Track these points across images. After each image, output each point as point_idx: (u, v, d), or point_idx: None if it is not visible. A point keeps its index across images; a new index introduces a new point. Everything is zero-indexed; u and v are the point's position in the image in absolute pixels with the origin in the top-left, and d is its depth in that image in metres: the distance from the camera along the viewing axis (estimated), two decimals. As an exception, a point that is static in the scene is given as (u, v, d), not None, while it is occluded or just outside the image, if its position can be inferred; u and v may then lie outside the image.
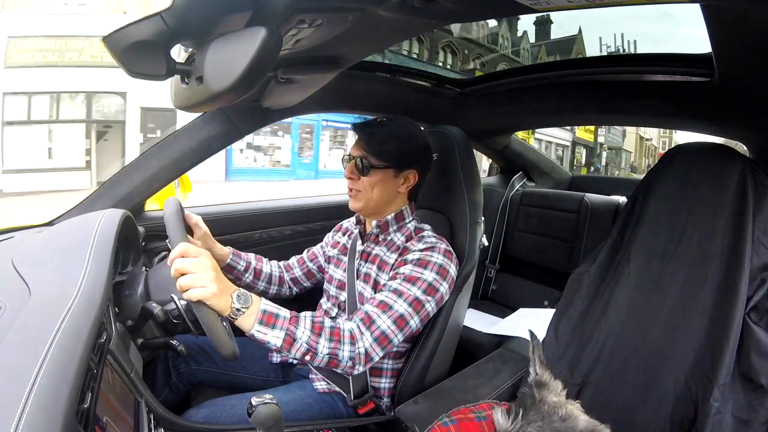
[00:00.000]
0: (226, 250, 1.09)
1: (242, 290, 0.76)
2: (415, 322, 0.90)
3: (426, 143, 1.05)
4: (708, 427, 0.68)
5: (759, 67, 0.73)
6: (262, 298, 0.79)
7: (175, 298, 0.86)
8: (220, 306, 0.72)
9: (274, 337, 0.76)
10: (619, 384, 0.79)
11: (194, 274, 0.71)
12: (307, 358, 0.79)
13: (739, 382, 0.70)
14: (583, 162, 18.92)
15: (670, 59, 0.98)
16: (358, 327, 0.85)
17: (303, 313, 0.82)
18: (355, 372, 0.85)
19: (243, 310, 0.74)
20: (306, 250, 1.23)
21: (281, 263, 1.21)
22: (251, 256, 1.15)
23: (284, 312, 0.79)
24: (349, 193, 1.01)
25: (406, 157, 0.99)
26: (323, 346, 0.80)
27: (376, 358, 0.86)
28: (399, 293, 0.89)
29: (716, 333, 0.71)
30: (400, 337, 0.88)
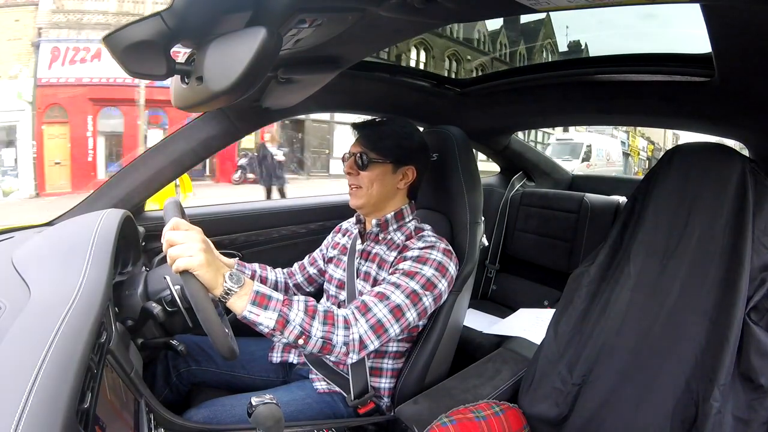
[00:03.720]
0: (231, 261, 1.07)
1: (235, 270, 0.75)
2: (411, 315, 0.89)
3: (424, 142, 1.06)
4: (708, 427, 0.68)
5: (759, 67, 0.73)
6: (255, 281, 0.78)
7: (169, 281, 0.85)
8: (208, 278, 0.70)
9: (266, 319, 0.75)
10: (619, 384, 0.79)
11: (183, 244, 0.71)
12: (301, 341, 0.78)
13: (739, 382, 0.70)
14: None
15: (670, 59, 0.98)
16: (353, 313, 0.85)
17: (296, 297, 0.81)
18: (349, 360, 0.84)
19: (235, 289, 0.73)
20: (307, 256, 1.23)
21: (285, 270, 1.22)
22: (255, 265, 1.15)
23: (277, 294, 0.78)
24: (349, 190, 1.02)
25: (405, 153, 1.00)
26: (317, 329, 0.79)
27: (371, 347, 0.84)
28: (397, 285, 0.89)
29: (716, 333, 0.71)
30: (396, 328, 0.87)
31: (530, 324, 1.40)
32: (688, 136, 1.19)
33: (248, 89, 0.59)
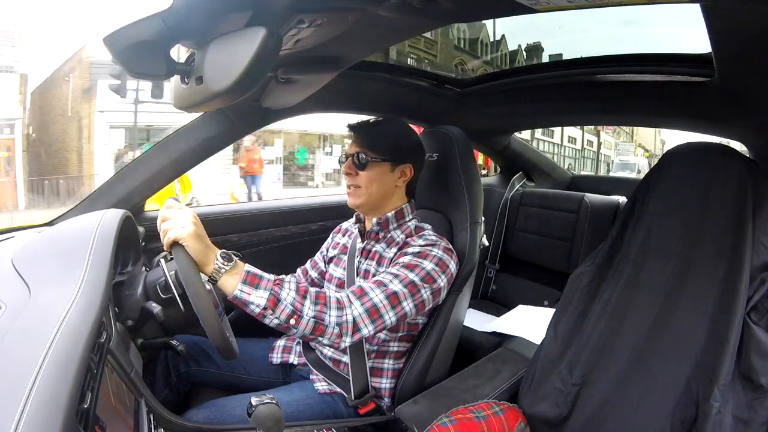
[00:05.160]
0: None
1: (227, 251, 0.76)
2: (408, 305, 0.88)
3: (419, 140, 1.07)
4: (708, 427, 0.68)
5: (759, 67, 0.73)
6: (247, 263, 0.79)
7: (164, 265, 0.85)
8: (198, 250, 0.72)
9: (257, 297, 0.75)
10: (619, 384, 0.79)
11: (175, 218, 0.73)
12: (292, 321, 0.78)
13: (739, 382, 0.70)
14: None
15: (670, 59, 0.98)
16: (348, 297, 0.85)
17: (287, 277, 0.81)
18: (342, 344, 0.83)
19: (226, 267, 0.74)
20: (309, 260, 1.23)
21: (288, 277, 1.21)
22: None
23: (269, 275, 0.78)
24: (348, 191, 1.02)
25: (401, 151, 1.00)
26: (308, 309, 0.79)
27: (365, 331, 0.84)
28: (395, 275, 0.89)
29: (717, 333, 0.71)
30: (392, 315, 0.86)
31: (530, 323, 1.40)
32: (674, 142, 1.19)
33: (248, 89, 0.59)
